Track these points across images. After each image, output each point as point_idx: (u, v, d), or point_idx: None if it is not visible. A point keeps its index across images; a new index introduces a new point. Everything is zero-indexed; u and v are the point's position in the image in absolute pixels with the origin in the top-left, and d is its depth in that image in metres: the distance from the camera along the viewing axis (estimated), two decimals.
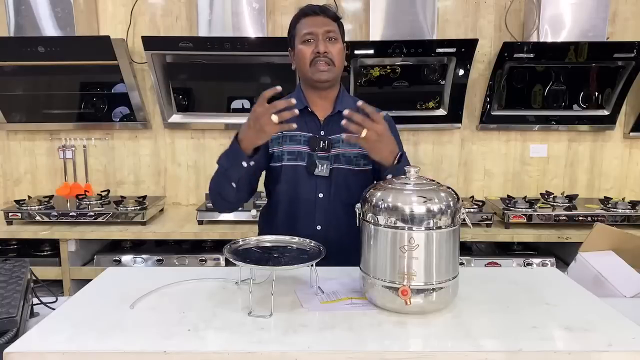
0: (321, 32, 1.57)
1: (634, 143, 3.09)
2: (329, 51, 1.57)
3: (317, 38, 1.57)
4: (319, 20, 1.59)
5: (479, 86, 3.00)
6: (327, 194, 1.64)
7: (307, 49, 1.58)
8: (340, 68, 1.63)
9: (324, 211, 1.64)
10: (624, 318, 1.15)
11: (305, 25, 1.59)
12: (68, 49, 2.74)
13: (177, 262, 2.68)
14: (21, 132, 3.11)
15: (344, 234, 1.61)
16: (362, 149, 1.61)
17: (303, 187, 1.63)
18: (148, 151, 3.14)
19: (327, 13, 1.61)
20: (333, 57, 1.58)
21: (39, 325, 1.10)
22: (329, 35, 1.58)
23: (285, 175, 1.64)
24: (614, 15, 2.91)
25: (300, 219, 1.64)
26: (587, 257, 1.74)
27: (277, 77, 2.90)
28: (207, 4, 2.75)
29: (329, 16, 1.60)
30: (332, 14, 1.62)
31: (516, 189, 3.11)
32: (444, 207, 1.15)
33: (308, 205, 1.64)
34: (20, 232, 2.62)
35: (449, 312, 1.18)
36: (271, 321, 1.12)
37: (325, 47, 1.56)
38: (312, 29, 1.57)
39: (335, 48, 1.59)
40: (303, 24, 1.60)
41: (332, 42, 1.58)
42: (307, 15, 1.60)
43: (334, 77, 1.62)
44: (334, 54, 1.58)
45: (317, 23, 1.58)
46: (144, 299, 1.25)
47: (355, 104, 1.66)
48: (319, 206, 1.64)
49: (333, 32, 1.59)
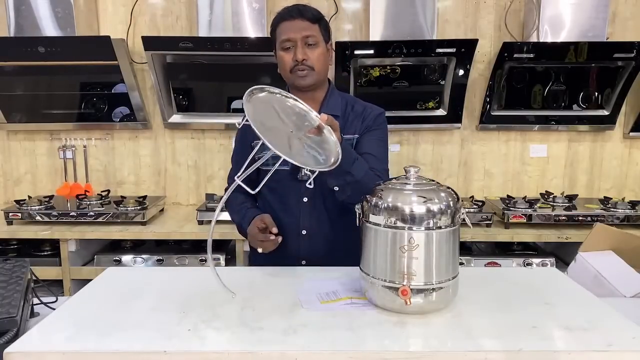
0: (299, 37, 1.52)
1: (633, 143, 3.09)
2: (307, 57, 1.53)
3: (296, 44, 1.53)
4: (297, 25, 1.53)
5: (479, 86, 3.00)
6: (311, 199, 1.61)
7: (286, 56, 1.55)
8: (323, 71, 1.60)
9: (309, 216, 1.62)
10: (624, 318, 1.15)
11: (283, 31, 1.55)
12: (68, 49, 2.74)
13: (177, 262, 2.68)
14: (21, 132, 3.11)
15: (329, 239, 1.62)
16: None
17: (288, 191, 1.62)
18: (148, 151, 3.14)
19: (305, 15, 1.54)
20: (312, 63, 1.54)
21: (39, 325, 1.10)
22: (307, 40, 1.53)
23: (270, 179, 1.61)
24: (614, 15, 2.91)
25: (285, 223, 1.61)
26: (587, 257, 1.74)
27: (277, 77, 2.88)
28: (207, 4, 2.75)
29: (308, 18, 1.54)
30: (310, 15, 1.55)
31: (516, 189, 3.11)
32: (444, 207, 1.15)
33: (293, 210, 1.62)
34: (20, 232, 2.62)
35: (449, 312, 1.18)
36: (271, 321, 1.12)
37: (303, 53, 1.53)
38: (290, 34, 1.53)
39: (315, 53, 1.54)
40: (282, 28, 1.55)
41: (311, 48, 1.54)
42: (285, 19, 1.55)
43: (315, 82, 1.58)
44: (314, 59, 1.54)
45: (295, 28, 1.53)
46: (144, 299, 1.25)
47: (342, 104, 1.66)
48: (304, 211, 1.62)
49: (312, 37, 1.53)
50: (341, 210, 1.56)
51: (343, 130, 1.56)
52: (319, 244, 1.62)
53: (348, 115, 1.64)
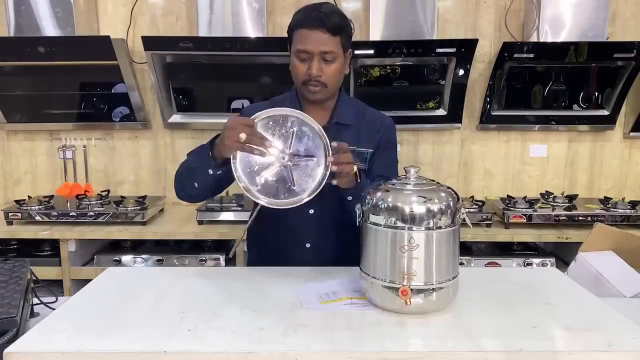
0: (317, 52, 1.43)
1: (634, 143, 3.09)
2: (322, 73, 1.45)
3: (312, 58, 1.44)
4: (316, 37, 1.43)
5: (479, 86, 3.00)
6: (318, 211, 1.55)
7: (301, 67, 1.47)
8: (335, 86, 1.54)
9: (314, 228, 1.57)
10: (624, 318, 1.15)
11: (301, 39, 1.45)
12: (68, 49, 2.74)
13: (177, 262, 2.68)
14: (21, 132, 3.11)
15: (333, 253, 1.57)
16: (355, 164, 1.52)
17: None
18: (148, 151, 3.14)
19: (327, 25, 1.42)
20: (326, 80, 1.47)
21: (39, 325, 1.10)
22: (325, 56, 1.44)
23: None
24: (614, 15, 2.91)
25: (289, 236, 1.57)
26: (587, 257, 1.74)
27: (277, 77, 2.90)
28: (207, 4, 2.74)
29: (330, 30, 1.42)
30: (332, 26, 1.43)
31: (516, 189, 3.11)
32: (444, 207, 1.15)
33: (298, 222, 1.55)
34: (20, 232, 2.62)
35: (449, 312, 1.18)
36: (271, 321, 1.12)
37: (318, 69, 1.45)
38: (308, 46, 1.43)
39: (331, 69, 1.46)
40: (300, 35, 1.45)
41: (327, 63, 1.46)
42: (305, 26, 1.44)
43: (326, 98, 1.53)
44: (328, 76, 1.47)
45: (314, 41, 1.43)
46: (144, 299, 1.25)
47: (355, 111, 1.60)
48: (309, 223, 1.56)
49: (330, 53, 1.44)
50: (347, 224, 1.48)
51: (358, 142, 1.53)
52: (323, 257, 1.56)
53: (361, 126, 1.60)
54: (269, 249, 1.65)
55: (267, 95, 2.89)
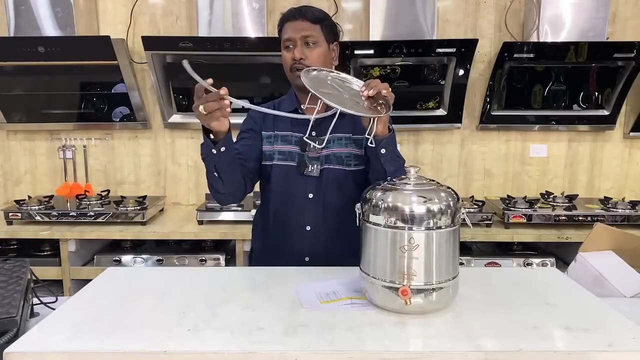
0: (298, 37, 1.56)
1: (634, 143, 3.09)
2: (305, 57, 1.55)
3: (295, 44, 1.56)
4: (297, 25, 1.57)
5: (479, 86, 3.00)
6: (317, 195, 1.62)
7: (287, 55, 1.58)
8: None
9: (314, 212, 1.62)
10: (624, 318, 1.15)
11: (285, 31, 1.59)
12: (68, 49, 2.74)
13: (177, 262, 2.68)
14: (21, 132, 3.11)
15: (334, 236, 1.62)
16: (353, 149, 1.60)
17: (293, 187, 1.62)
18: (148, 151, 3.14)
19: (306, 16, 1.58)
20: (311, 62, 1.55)
21: (39, 325, 1.10)
22: (306, 40, 1.56)
23: (275, 175, 1.63)
24: (614, 15, 2.91)
25: (290, 219, 1.63)
26: (587, 257, 1.74)
27: (277, 77, 2.88)
28: (207, 4, 2.74)
29: (309, 19, 1.57)
30: (311, 16, 1.58)
31: (516, 189, 3.11)
32: (444, 207, 1.15)
33: (298, 206, 1.62)
34: (20, 232, 2.62)
35: (449, 312, 1.18)
36: (271, 321, 1.12)
37: (301, 53, 1.55)
38: (290, 34, 1.57)
39: (314, 53, 1.56)
40: (285, 29, 1.60)
41: (310, 47, 1.57)
42: (288, 20, 1.59)
43: None
44: (312, 59, 1.56)
45: (295, 28, 1.57)
46: (144, 299, 1.25)
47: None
48: (309, 207, 1.62)
49: (311, 37, 1.56)
50: (347, 207, 1.53)
51: (353, 131, 1.61)
52: (323, 241, 1.62)
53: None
54: (272, 235, 1.69)
55: (267, 95, 2.92)
